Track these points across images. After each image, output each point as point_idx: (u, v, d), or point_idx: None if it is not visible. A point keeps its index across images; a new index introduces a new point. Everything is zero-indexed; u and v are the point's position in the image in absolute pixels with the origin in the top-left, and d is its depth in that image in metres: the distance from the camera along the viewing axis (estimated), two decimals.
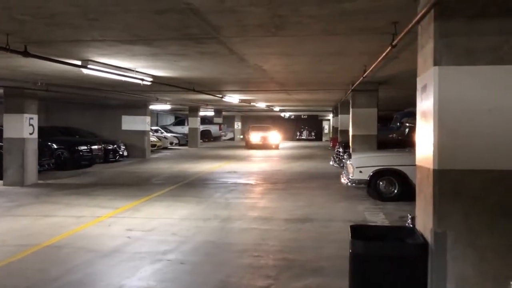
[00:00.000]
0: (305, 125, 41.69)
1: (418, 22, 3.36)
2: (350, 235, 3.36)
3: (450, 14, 3.01)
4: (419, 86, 3.51)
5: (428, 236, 3.18)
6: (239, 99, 17.99)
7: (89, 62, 6.90)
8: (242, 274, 5.23)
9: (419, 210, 3.50)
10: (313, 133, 41.55)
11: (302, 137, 40.98)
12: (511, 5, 2.96)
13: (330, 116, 34.72)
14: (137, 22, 4.52)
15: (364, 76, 7.94)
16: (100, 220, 7.78)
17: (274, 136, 26.33)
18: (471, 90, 3.04)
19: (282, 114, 36.26)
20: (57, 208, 8.75)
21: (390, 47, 4.72)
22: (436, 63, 3.06)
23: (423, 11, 3.12)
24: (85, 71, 7.11)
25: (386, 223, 7.43)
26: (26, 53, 5.35)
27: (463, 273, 3.03)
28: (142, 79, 8.73)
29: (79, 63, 6.86)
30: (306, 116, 39.09)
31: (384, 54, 5.14)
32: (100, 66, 7.19)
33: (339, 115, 22.38)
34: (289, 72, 8.92)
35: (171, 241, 6.51)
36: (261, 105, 23.37)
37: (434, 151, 3.09)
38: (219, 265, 5.52)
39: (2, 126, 12.34)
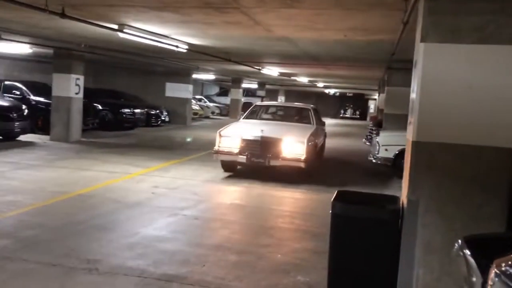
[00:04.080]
0: (350, 103, 41.15)
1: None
2: (333, 198, 3.60)
3: None
4: (414, 63, 3.64)
5: (405, 204, 3.38)
6: (279, 72, 18.11)
7: (125, 27, 7.31)
8: (245, 231, 5.63)
9: (403, 180, 3.69)
10: (357, 112, 40.97)
11: (346, 115, 40.52)
12: None
13: (377, 96, 34.13)
14: None
15: (392, 54, 7.91)
16: (131, 176, 8.36)
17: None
18: (454, 67, 3.16)
19: (327, 91, 35.94)
20: (94, 163, 9.43)
21: (403, 25, 4.79)
22: (422, 39, 3.19)
23: None
24: (121, 35, 7.54)
25: None
26: (63, 15, 5.81)
27: (431, 240, 3.22)
28: (177, 46, 9.10)
29: (115, 27, 7.29)
30: (351, 94, 38.50)
31: (400, 32, 5.20)
32: (135, 31, 7.59)
33: (379, 94, 22.08)
34: (319, 46, 9.01)
35: (191, 199, 6.97)
36: (303, 79, 23.36)
37: (414, 124, 3.26)
38: (229, 223, 5.92)
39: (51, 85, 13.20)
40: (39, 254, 4.37)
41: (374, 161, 9.69)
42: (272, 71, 17.04)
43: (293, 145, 8.33)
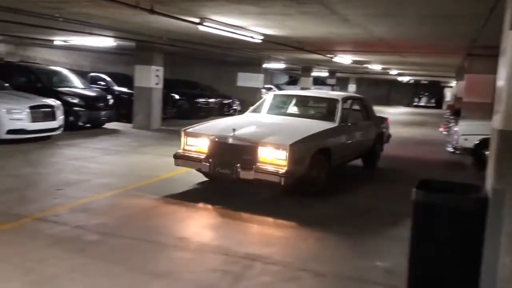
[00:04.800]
0: (424, 91, 39.58)
1: None
2: (416, 186, 3.65)
3: None
4: (501, 50, 3.57)
5: (490, 192, 3.36)
6: (352, 60, 17.88)
7: (205, 20, 7.67)
8: None
9: (488, 169, 3.65)
10: (432, 100, 39.31)
11: (421, 104, 39.03)
12: None
13: (454, 83, 32.57)
14: None
15: (474, 40, 7.62)
16: None
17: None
18: None
19: (400, 78, 34.83)
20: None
21: (489, 11, 4.66)
22: (511, 27, 3.14)
23: None
24: (200, 28, 7.90)
25: None
26: (152, 11, 6.23)
27: None
28: (252, 37, 9.35)
29: (197, 20, 7.66)
30: (426, 82, 37.01)
31: (485, 18, 5.04)
32: (214, 24, 7.92)
33: (457, 82, 21.11)
34: (396, 34, 8.86)
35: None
36: (376, 67, 22.85)
37: (502, 113, 3.22)
38: None
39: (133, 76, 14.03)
40: (135, 231, 4.81)
41: (452, 151, 9.41)
42: (344, 59, 16.87)
43: (271, 152, 5.94)
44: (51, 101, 10.39)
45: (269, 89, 28.24)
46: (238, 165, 5.95)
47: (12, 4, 7.23)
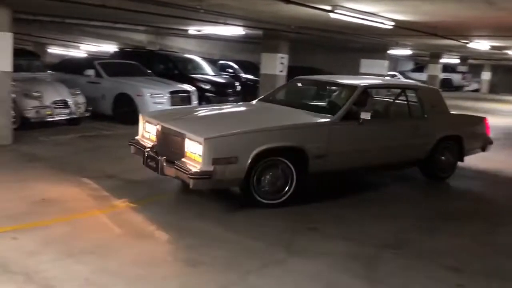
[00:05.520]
0: None
1: None
2: None
3: None
4: None
5: None
6: (490, 46, 16.45)
7: (337, 7, 7.67)
8: None
9: None
10: None
11: None
12: None
13: None
14: None
15: None
16: None
17: None
18: None
19: None
20: None
21: None
22: None
23: None
24: (332, 15, 7.92)
25: None
26: (287, 1, 6.42)
27: None
28: (383, 23, 9.11)
29: (329, 8, 7.70)
30: None
31: None
32: (345, 11, 7.88)
33: None
34: None
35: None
36: None
37: None
38: None
39: (259, 64, 14.52)
40: None
41: None
42: (481, 44, 15.57)
43: (192, 147, 4.98)
44: (187, 87, 11.27)
45: (393, 76, 27.19)
46: (163, 158, 5.16)
47: None
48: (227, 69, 16.31)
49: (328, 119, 5.63)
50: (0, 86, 7.72)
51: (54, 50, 25.88)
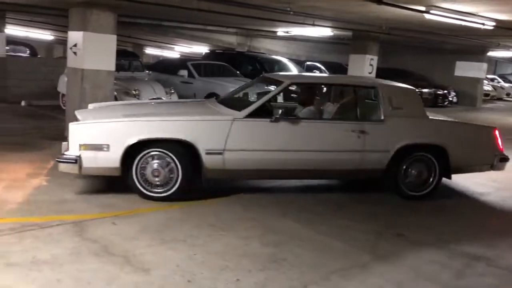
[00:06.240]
0: None
1: None
2: None
3: None
4: None
5: None
6: None
7: (432, 8, 7.39)
8: None
9: None
10: None
11: None
12: None
13: None
14: None
15: None
16: None
17: None
18: None
19: None
20: None
21: None
22: None
23: None
24: (427, 16, 7.64)
25: None
26: (379, 1, 6.31)
27: None
28: (483, 23, 8.61)
29: (423, 9, 7.44)
30: None
31: None
32: (441, 11, 7.57)
33: None
34: None
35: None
36: None
37: None
38: None
39: (347, 65, 14.34)
40: None
41: None
42: None
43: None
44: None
45: (492, 79, 25.47)
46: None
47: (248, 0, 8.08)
48: (313, 70, 16.30)
49: (230, 116, 5.25)
50: (105, 84, 8.38)
51: (151, 51, 27.57)
